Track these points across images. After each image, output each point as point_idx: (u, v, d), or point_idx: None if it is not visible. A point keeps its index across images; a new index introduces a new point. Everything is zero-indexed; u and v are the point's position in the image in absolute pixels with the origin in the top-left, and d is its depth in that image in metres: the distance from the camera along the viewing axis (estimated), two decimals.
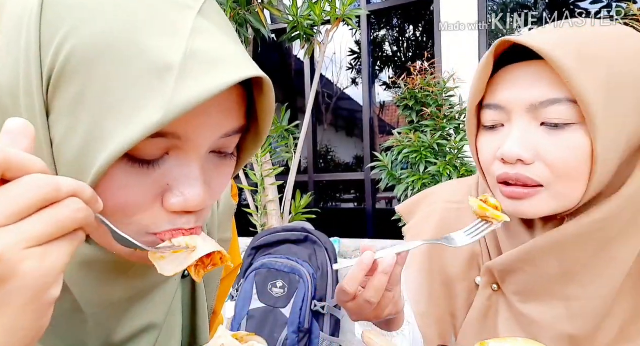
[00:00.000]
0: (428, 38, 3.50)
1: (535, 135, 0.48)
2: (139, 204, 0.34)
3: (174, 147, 0.34)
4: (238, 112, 0.37)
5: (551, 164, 0.47)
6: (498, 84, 0.52)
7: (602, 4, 2.59)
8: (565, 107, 0.46)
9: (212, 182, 0.38)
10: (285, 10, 2.21)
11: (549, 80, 0.47)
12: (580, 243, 0.50)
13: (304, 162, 3.62)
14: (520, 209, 0.50)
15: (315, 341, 1.65)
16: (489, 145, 0.53)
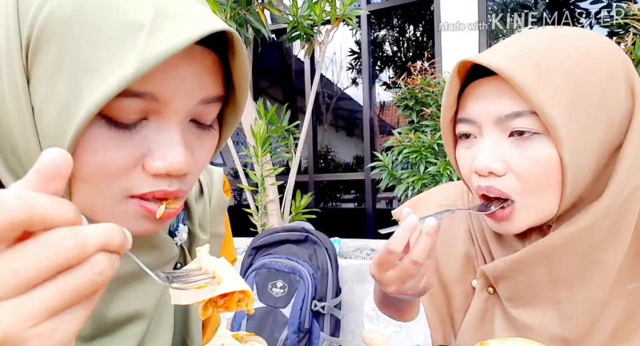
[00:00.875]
0: (428, 38, 3.50)
1: (504, 146, 0.49)
2: (119, 167, 0.34)
3: (153, 112, 0.35)
4: (214, 79, 0.37)
5: (521, 175, 0.49)
6: (468, 98, 0.53)
7: (602, 4, 2.59)
8: (528, 119, 0.47)
9: (195, 153, 0.38)
10: (285, 10, 2.21)
11: (511, 94, 0.48)
12: (566, 252, 0.51)
13: (304, 162, 3.62)
14: (502, 228, 0.52)
15: (315, 341, 1.66)
16: (465, 158, 0.54)
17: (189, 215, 0.51)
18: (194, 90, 0.36)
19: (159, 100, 0.34)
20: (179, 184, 0.37)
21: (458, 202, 0.68)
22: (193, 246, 0.51)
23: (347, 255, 2.29)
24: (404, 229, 0.49)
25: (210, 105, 0.38)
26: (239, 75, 0.38)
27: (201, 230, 0.51)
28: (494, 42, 3.11)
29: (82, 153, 0.33)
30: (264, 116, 2.35)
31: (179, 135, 0.36)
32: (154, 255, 0.44)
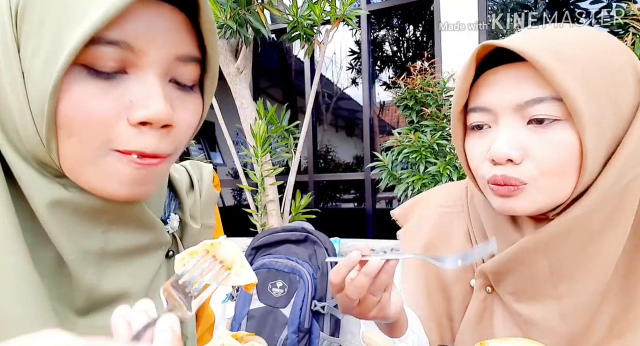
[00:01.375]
0: (428, 38, 3.50)
1: (523, 134, 0.49)
2: (103, 117, 0.36)
3: (131, 64, 0.37)
4: (186, 38, 0.40)
5: (539, 162, 0.48)
6: (482, 86, 0.53)
7: (602, 4, 2.59)
8: (550, 105, 0.47)
9: (177, 113, 0.40)
10: (285, 10, 2.21)
11: (532, 80, 0.48)
12: (564, 241, 0.51)
13: (304, 162, 3.62)
14: (509, 206, 0.51)
15: (315, 341, 1.66)
16: (477, 147, 0.54)
17: (180, 205, 0.53)
18: (168, 44, 0.38)
19: (134, 50, 0.36)
20: (161, 139, 0.39)
21: (457, 202, 0.68)
22: (185, 235, 0.53)
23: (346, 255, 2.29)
24: (344, 265, 0.50)
25: (188, 65, 0.41)
26: (208, 33, 0.41)
27: (192, 220, 0.53)
28: None
29: (67, 105, 0.35)
30: (264, 116, 2.35)
31: (159, 87, 0.38)
32: (144, 235, 0.45)
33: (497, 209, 0.53)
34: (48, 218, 0.38)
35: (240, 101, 2.42)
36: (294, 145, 2.48)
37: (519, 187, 0.49)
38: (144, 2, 0.36)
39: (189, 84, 0.42)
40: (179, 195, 0.53)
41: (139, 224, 0.44)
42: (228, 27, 2.07)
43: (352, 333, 1.95)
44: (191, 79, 0.42)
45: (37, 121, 0.36)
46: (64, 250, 0.39)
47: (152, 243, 0.46)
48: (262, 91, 4.31)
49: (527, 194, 0.50)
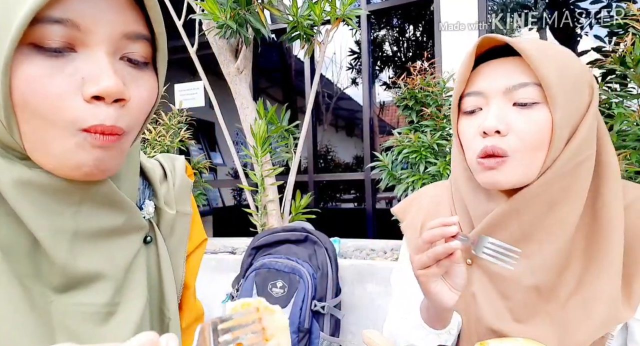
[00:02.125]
0: (428, 38, 3.50)
1: (509, 113, 0.61)
2: (57, 94, 0.38)
3: (79, 42, 0.39)
4: (133, 16, 0.42)
5: (521, 135, 0.60)
6: (477, 76, 0.65)
7: (602, 4, 2.59)
8: (532, 89, 0.60)
9: (130, 89, 0.42)
10: (285, 10, 2.21)
11: (520, 69, 0.61)
12: (532, 207, 0.62)
13: (304, 162, 3.62)
14: (495, 178, 0.62)
15: (315, 341, 1.65)
16: (470, 126, 0.65)
17: (154, 192, 0.55)
18: (114, 21, 0.40)
19: (80, 28, 0.38)
20: (116, 115, 0.41)
21: (444, 191, 0.81)
22: (161, 221, 0.55)
23: (347, 255, 2.29)
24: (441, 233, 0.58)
25: (137, 42, 0.43)
26: (152, 10, 0.43)
27: (167, 206, 0.55)
28: None
29: (20, 84, 0.37)
30: (264, 116, 2.35)
31: (108, 63, 0.40)
32: (117, 216, 0.47)
33: (483, 183, 0.64)
34: (15, 198, 0.40)
35: (240, 101, 2.42)
36: (294, 145, 2.48)
37: (504, 158, 0.60)
38: None
39: (141, 60, 0.44)
40: (152, 183, 0.56)
41: (110, 204, 0.46)
42: (228, 27, 2.07)
43: (352, 333, 1.95)
44: (142, 56, 0.44)
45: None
46: (35, 229, 0.41)
47: (126, 225, 0.48)
48: (262, 91, 4.31)
49: (508, 167, 0.60)
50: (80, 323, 0.44)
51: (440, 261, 0.59)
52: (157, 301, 0.54)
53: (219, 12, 2.03)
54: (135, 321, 0.47)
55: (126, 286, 0.48)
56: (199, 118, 3.32)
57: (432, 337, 0.68)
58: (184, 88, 3.37)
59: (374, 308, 1.91)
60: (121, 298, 0.47)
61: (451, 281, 0.62)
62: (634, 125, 1.45)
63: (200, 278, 0.71)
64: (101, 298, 0.45)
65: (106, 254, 0.46)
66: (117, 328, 0.46)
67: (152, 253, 0.53)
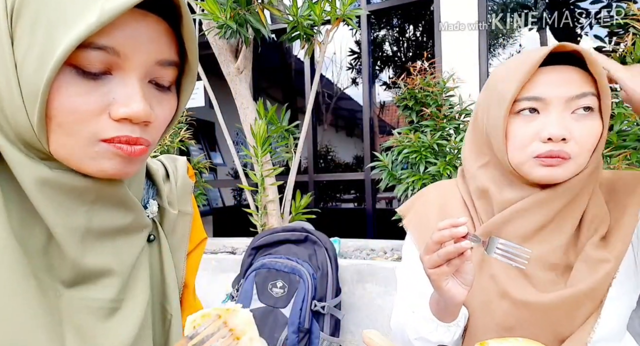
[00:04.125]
0: (428, 38, 3.50)
1: (569, 120, 0.66)
2: (87, 112, 0.41)
3: (116, 66, 0.42)
4: (168, 45, 0.45)
5: (579, 141, 0.66)
6: (535, 81, 0.68)
7: (602, 4, 2.59)
8: (590, 99, 0.66)
9: (154, 110, 0.45)
10: (285, 10, 2.21)
11: (582, 80, 0.66)
12: (562, 197, 0.69)
13: (304, 162, 3.62)
14: (554, 174, 0.67)
15: (315, 341, 1.65)
16: (525, 129, 0.69)
17: (158, 192, 0.58)
18: (150, 50, 0.43)
19: (120, 55, 0.41)
20: (141, 132, 0.44)
21: (450, 187, 0.86)
22: (164, 220, 0.57)
23: (347, 255, 2.29)
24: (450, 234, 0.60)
25: (167, 69, 0.46)
26: (189, 40, 0.46)
27: (170, 206, 0.58)
28: (494, 42, 3.11)
29: (56, 99, 0.39)
30: (264, 116, 2.35)
31: (139, 88, 0.43)
32: (126, 216, 0.49)
33: (541, 177, 0.68)
34: (36, 196, 0.42)
35: (240, 101, 2.42)
36: (294, 145, 2.48)
37: (566, 159, 0.66)
38: (132, 12, 0.41)
39: (167, 84, 0.47)
40: (156, 183, 0.58)
41: (120, 204, 0.48)
42: (228, 27, 2.07)
43: (352, 333, 1.95)
44: (169, 81, 0.47)
45: (29, 111, 0.40)
46: (51, 225, 0.43)
47: (133, 224, 0.50)
48: (262, 91, 4.31)
49: (568, 166, 0.67)
50: (86, 317, 0.45)
51: (450, 261, 0.62)
52: (160, 299, 0.55)
53: (219, 12, 2.03)
54: (138, 316, 0.49)
55: (131, 283, 0.50)
56: (199, 118, 3.32)
57: (442, 329, 0.72)
58: None
59: (374, 308, 1.91)
60: (125, 294, 0.49)
61: (460, 278, 0.65)
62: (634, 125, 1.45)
63: (200, 278, 0.72)
64: (107, 293, 0.47)
65: (114, 251, 0.48)
66: (121, 324, 0.47)
67: (154, 251, 0.55)
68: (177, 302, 0.56)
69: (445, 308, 0.69)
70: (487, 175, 0.76)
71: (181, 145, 2.89)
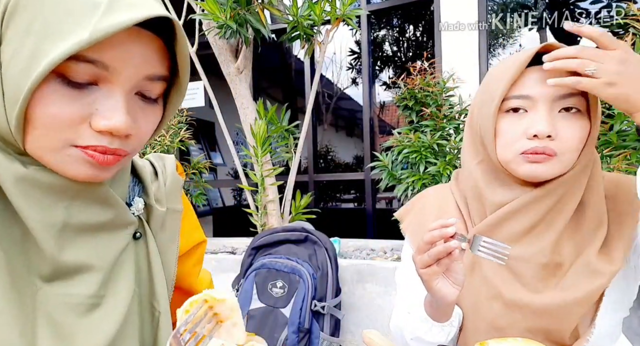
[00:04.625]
0: (428, 38, 3.50)
1: (557, 119, 0.67)
2: (67, 120, 0.41)
3: (104, 79, 0.42)
4: (159, 60, 0.45)
5: (566, 139, 0.67)
6: (524, 80, 0.69)
7: (602, 4, 2.59)
8: (577, 99, 0.67)
9: (138, 121, 0.45)
10: (285, 10, 2.21)
11: None
12: (550, 196, 0.70)
13: (304, 162, 3.62)
14: (538, 171, 0.68)
15: (315, 341, 1.65)
16: (514, 126, 0.70)
17: (144, 189, 0.57)
18: (140, 66, 0.43)
19: (109, 69, 0.41)
20: (120, 144, 0.44)
21: (446, 189, 0.87)
22: (151, 218, 0.57)
23: (347, 255, 2.29)
24: (439, 235, 0.62)
25: (155, 83, 0.46)
26: (181, 58, 0.46)
27: (157, 203, 0.57)
28: (494, 42, 3.11)
29: (38, 104, 0.39)
30: (264, 116, 2.35)
31: (124, 102, 0.43)
32: (106, 212, 0.49)
33: (526, 174, 0.69)
34: (12, 192, 0.42)
35: (240, 101, 2.42)
36: (294, 145, 2.48)
37: (551, 156, 0.67)
38: (126, 29, 0.40)
39: (154, 97, 0.47)
40: (143, 181, 0.58)
41: (101, 201, 0.48)
42: (228, 27, 2.07)
43: (352, 333, 1.95)
44: (156, 94, 0.47)
45: (8, 112, 0.40)
46: (27, 220, 0.43)
47: (115, 220, 0.50)
48: (262, 91, 4.31)
49: (552, 164, 0.67)
50: (64, 313, 0.45)
51: (440, 260, 0.63)
52: (148, 296, 0.55)
53: (219, 12, 2.03)
54: (120, 313, 0.48)
55: (112, 280, 0.49)
56: (199, 118, 3.32)
57: (436, 329, 0.73)
58: None
59: (374, 308, 1.91)
60: (107, 290, 0.49)
61: (451, 278, 0.66)
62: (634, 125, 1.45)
63: None
64: (86, 289, 0.47)
65: (93, 247, 0.48)
66: (101, 320, 0.47)
67: (141, 248, 0.54)
68: (166, 300, 0.56)
69: (438, 308, 0.70)
70: (481, 172, 0.77)
71: (181, 145, 2.89)
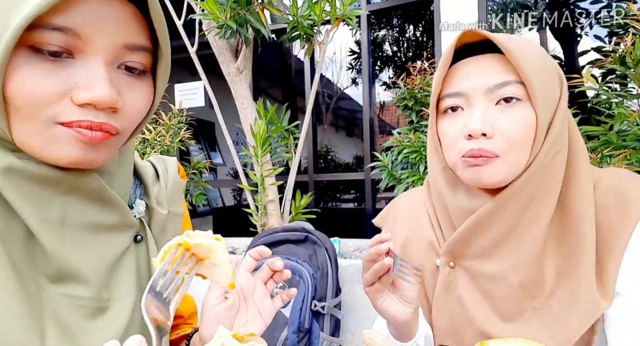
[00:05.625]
0: (428, 38, 3.50)
1: (493, 113, 0.59)
2: (46, 95, 0.39)
3: (78, 50, 0.40)
4: (136, 28, 0.43)
5: (506, 135, 0.59)
6: (455, 75, 0.62)
7: (602, 4, 2.59)
8: (514, 87, 0.58)
9: (125, 96, 0.43)
10: (285, 10, 2.21)
11: (501, 68, 0.59)
12: (514, 203, 0.61)
13: (304, 162, 3.62)
14: (481, 176, 0.60)
15: (315, 341, 1.65)
16: (451, 126, 0.63)
17: (146, 191, 0.56)
18: (116, 33, 0.41)
19: (80, 37, 0.39)
20: (106, 117, 0.42)
21: (419, 198, 0.80)
22: (152, 221, 0.55)
23: (347, 255, 2.29)
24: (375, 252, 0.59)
25: (136, 53, 0.43)
26: (158, 25, 0.43)
27: (159, 206, 0.56)
28: None
29: (12, 83, 0.38)
30: (264, 116, 2.35)
31: (105, 72, 0.40)
32: (107, 213, 0.48)
33: (468, 180, 0.62)
34: (5, 186, 0.41)
35: (240, 101, 2.42)
36: (294, 145, 2.48)
37: (491, 158, 0.59)
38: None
39: (139, 68, 0.44)
40: (144, 182, 0.56)
41: (99, 200, 0.47)
42: (228, 27, 2.07)
43: (352, 333, 1.95)
44: (141, 65, 0.44)
45: None
46: (24, 216, 0.42)
47: (115, 222, 0.49)
48: (262, 91, 4.31)
49: (495, 166, 0.59)
50: (70, 314, 0.45)
51: (381, 278, 0.60)
52: None
53: (219, 12, 2.03)
54: (125, 317, 0.48)
55: (114, 283, 0.49)
56: (199, 118, 3.32)
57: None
58: (184, 88, 3.37)
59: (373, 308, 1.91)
60: (110, 294, 0.48)
61: (401, 295, 0.62)
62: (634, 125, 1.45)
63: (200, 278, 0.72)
64: (87, 291, 0.46)
65: (94, 248, 0.47)
66: (107, 324, 0.47)
67: (142, 251, 0.54)
68: None
69: (395, 327, 0.66)
70: (444, 179, 0.70)
71: (181, 145, 2.89)
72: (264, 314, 0.56)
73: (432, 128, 0.67)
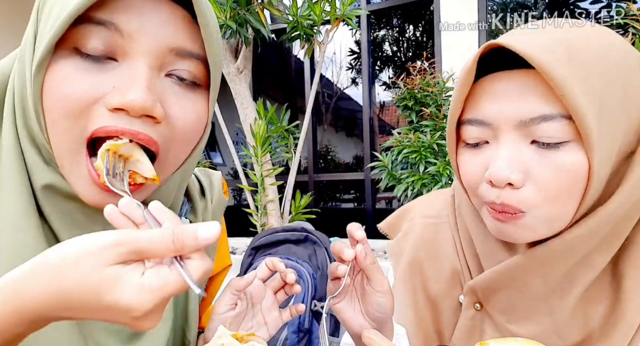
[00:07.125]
0: (428, 38, 3.50)
1: (525, 155, 0.43)
2: (79, 99, 0.36)
3: (122, 51, 0.37)
4: (185, 33, 0.39)
5: (542, 186, 0.43)
6: (480, 95, 0.46)
7: (602, 4, 2.59)
8: (558, 124, 0.41)
9: (170, 108, 0.39)
10: (285, 10, 2.21)
11: (539, 92, 0.42)
12: (562, 258, 0.47)
13: (304, 162, 3.62)
14: (507, 232, 0.47)
15: (315, 341, 1.65)
16: (473, 165, 0.48)
17: (193, 209, 0.53)
18: (161, 33, 0.38)
19: (123, 34, 0.36)
20: (143, 127, 0.37)
21: (442, 212, 0.64)
22: None
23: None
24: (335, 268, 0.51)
25: (187, 60, 0.39)
26: (203, 27, 0.39)
27: None
28: None
29: (50, 84, 0.36)
30: (264, 116, 2.35)
31: (145, 76, 0.37)
32: None
33: (493, 233, 0.49)
34: (42, 201, 0.39)
35: (240, 101, 2.42)
36: (294, 145, 2.48)
37: (515, 215, 0.44)
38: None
39: (190, 79, 0.40)
40: (193, 198, 0.53)
41: None
42: (228, 27, 2.07)
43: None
44: (192, 75, 0.40)
45: (30, 100, 0.37)
46: (62, 239, 0.39)
47: None
48: (262, 91, 4.31)
49: (525, 222, 0.45)
50: (107, 339, 0.43)
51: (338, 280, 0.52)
52: (181, 322, 0.52)
53: (219, 12, 2.03)
54: (161, 342, 0.46)
55: None
56: None
57: None
58: None
59: None
60: None
61: (364, 308, 0.52)
62: None
63: None
64: None
65: None
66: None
67: None
68: (196, 329, 0.54)
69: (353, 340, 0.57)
70: (470, 212, 0.57)
71: None
72: (270, 324, 0.55)
73: (452, 157, 0.53)
